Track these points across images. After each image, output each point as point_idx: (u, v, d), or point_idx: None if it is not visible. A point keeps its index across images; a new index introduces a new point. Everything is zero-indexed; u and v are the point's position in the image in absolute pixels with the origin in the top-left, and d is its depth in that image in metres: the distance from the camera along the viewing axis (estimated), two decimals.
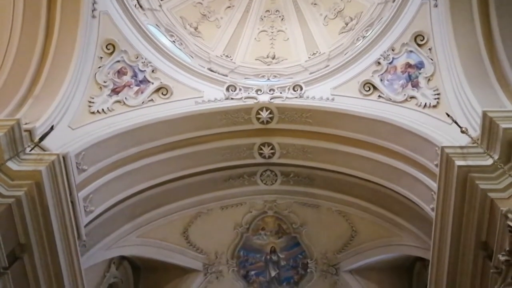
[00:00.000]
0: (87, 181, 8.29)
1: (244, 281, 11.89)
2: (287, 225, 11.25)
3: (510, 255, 5.66)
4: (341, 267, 11.39)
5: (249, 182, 10.50)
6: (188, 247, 11.11)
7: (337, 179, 10.02)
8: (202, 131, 9.48)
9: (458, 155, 6.82)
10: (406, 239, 9.89)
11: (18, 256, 6.81)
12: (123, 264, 11.17)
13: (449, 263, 7.04)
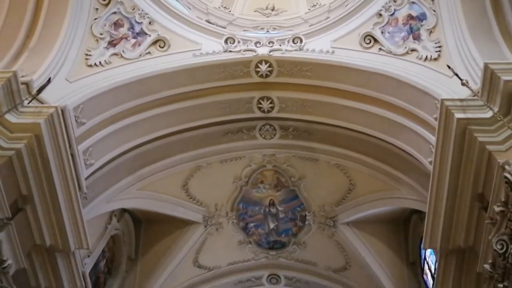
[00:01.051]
0: (86, 135, 8.30)
1: (243, 232, 12.14)
2: (285, 178, 11.34)
3: (505, 206, 5.75)
4: (338, 220, 11.59)
5: (248, 136, 10.52)
6: (188, 200, 11.27)
7: (336, 133, 10.03)
8: (200, 85, 9.40)
9: (457, 107, 6.81)
10: (404, 192, 10.00)
11: (21, 207, 6.95)
12: (124, 217, 11.36)
13: (445, 214, 7.17)
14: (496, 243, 5.75)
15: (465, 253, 7.44)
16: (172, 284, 11.93)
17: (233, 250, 12.32)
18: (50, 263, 7.73)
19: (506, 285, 5.84)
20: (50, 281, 7.84)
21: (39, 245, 7.40)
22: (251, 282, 12.79)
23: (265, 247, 12.41)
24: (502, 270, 5.88)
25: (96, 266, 10.43)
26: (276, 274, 12.69)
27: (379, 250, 11.49)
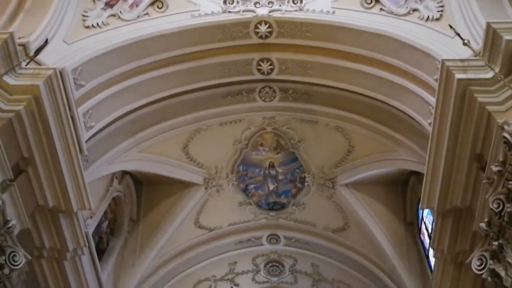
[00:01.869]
0: (85, 97, 8.28)
1: (243, 194, 12.29)
2: (285, 140, 11.38)
3: (503, 166, 5.81)
4: (337, 181, 11.70)
5: (248, 98, 10.48)
6: (189, 162, 11.35)
7: (336, 95, 9.99)
8: (199, 46, 9.28)
9: (458, 68, 6.77)
10: (403, 154, 10.05)
11: (23, 169, 7.03)
12: (125, 179, 11.47)
13: (443, 175, 7.24)
14: (493, 202, 5.83)
15: (461, 213, 7.57)
16: (173, 245, 12.18)
17: (234, 211, 12.51)
18: (54, 223, 7.88)
19: (501, 243, 5.95)
20: (54, 241, 8.01)
21: (42, 206, 7.52)
22: (251, 242, 13.05)
23: (265, 208, 12.60)
24: (498, 228, 5.98)
25: (98, 227, 10.63)
26: (275, 234, 12.93)
27: (377, 211, 11.66)
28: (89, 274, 9.33)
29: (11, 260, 6.43)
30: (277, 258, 13.55)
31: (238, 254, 13.27)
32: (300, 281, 13.93)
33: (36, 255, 7.87)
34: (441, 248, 8.03)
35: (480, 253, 6.24)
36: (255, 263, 13.64)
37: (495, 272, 6.07)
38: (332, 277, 13.33)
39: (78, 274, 8.88)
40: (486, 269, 6.13)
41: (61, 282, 8.63)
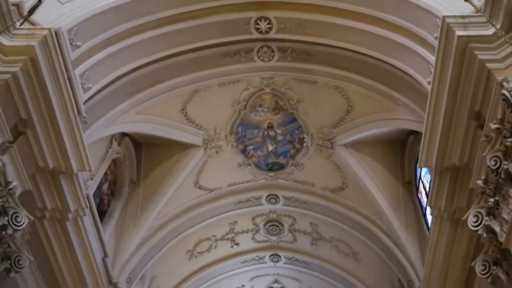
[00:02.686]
0: (82, 58, 8.15)
1: (242, 155, 12.35)
2: (284, 101, 11.33)
3: (501, 123, 5.81)
4: (336, 141, 11.73)
5: (246, 58, 10.35)
6: (187, 123, 11.34)
7: (335, 54, 9.88)
8: (196, 5, 9.07)
9: (459, 24, 6.66)
10: (401, 113, 10.03)
11: (22, 131, 7.03)
12: (125, 141, 11.49)
13: (442, 133, 7.26)
14: (490, 159, 5.87)
15: (459, 171, 7.64)
16: (174, 205, 12.32)
17: (233, 172, 12.60)
18: (55, 185, 7.95)
19: (497, 199, 6.03)
20: (55, 202, 8.11)
21: (42, 168, 7.57)
22: (251, 202, 13.22)
23: (264, 168, 12.69)
24: (494, 185, 6.05)
25: (99, 189, 10.73)
26: (274, 194, 13.08)
27: (376, 171, 11.74)
28: (91, 235, 9.48)
29: (13, 221, 6.52)
30: (276, 217, 13.76)
31: (238, 214, 13.47)
32: (299, 240, 14.21)
33: (38, 216, 7.98)
34: (438, 206, 8.14)
35: (476, 210, 6.33)
36: (254, 223, 13.87)
37: (490, 228, 6.18)
38: (331, 235, 13.59)
39: (80, 234, 9.02)
40: (482, 225, 6.25)
41: (64, 243, 8.78)
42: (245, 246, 14.36)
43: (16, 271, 6.85)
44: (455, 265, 8.41)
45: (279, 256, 14.65)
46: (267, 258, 14.72)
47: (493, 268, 6.35)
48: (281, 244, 14.44)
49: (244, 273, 15.11)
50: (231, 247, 14.26)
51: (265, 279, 15.61)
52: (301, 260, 14.55)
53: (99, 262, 10.00)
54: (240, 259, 14.52)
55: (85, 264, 9.35)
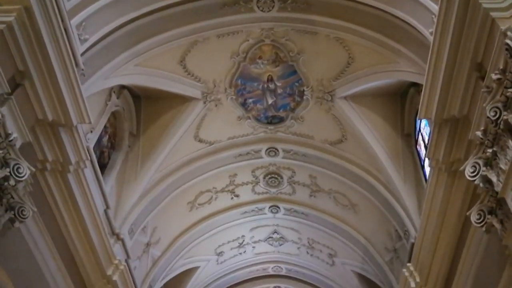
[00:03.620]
0: (78, 8, 7.97)
1: (242, 108, 12.31)
2: (284, 53, 11.18)
3: (502, 74, 5.76)
4: (336, 94, 11.66)
5: (245, 9, 10.13)
6: (186, 75, 11.22)
7: (336, 4, 9.67)
8: None
9: None
10: (403, 65, 9.91)
11: (19, 83, 6.97)
12: (123, 93, 11.43)
13: (442, 84, 7.22)
14: (490, 110, 5.85)
15: (458, 123, 7.65)
16: (174, 158, 12.41)
17: (233, 125, 12.60)
18: (55, 137, 7.97)
19: (495, 150, 6.07)
20: (56, 155, 8.16)
21: (41, 120, 7.56)
22: (251, 155, 13.29)
23: (264, 122, 12.68)
24: (493, 136, 6.07)
25: (99, 141, 10.77)
26: (274, 147, 13.13)
27: (375, 123, 11.75)
28: (92, 187, 9.60)
29: (15, 172, 6.59)
30: (276, 170, 13.89)
31: (237, 167, 13.57)
32: (298, 192, 14.39)
33: (40, 168, 8.05)
34: (436, 158, 8.20)
35: (474, 161, 6.38)
36: (254, 175, 14.01)
37: (487, 178, 6.25)
38: (329, 187, 13.74)
39: (82, 186, 9.12)
40: (479, 175, 6.31)
41: (66, 194, 8.90)
42: (245, 198, 14.56)
43: (20, 221, 6.99)
44: (451, 215, 8.57)
45: (278, 208, 14.89)
46: (267, 210, 14.96)
47: (488, 217, 6.47)
48: (280, 196, 14.64)
49: (244, 224, 15.40)
50: (231, 199, 14.46)
51: (264, 230, 15.94)
52: (300, 212, 14.79)
53: (101, 214, 10.17)
54: (240, 210, 14.76)
55: (88, 216, 9.51)
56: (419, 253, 9.92)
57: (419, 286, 10.19)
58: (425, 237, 9.44)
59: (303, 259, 16.85)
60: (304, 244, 16.19)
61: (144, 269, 13.38)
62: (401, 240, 12.09)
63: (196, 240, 14.80)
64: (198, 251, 15.38)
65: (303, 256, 16.71)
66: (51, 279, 8.87)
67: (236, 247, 16.33)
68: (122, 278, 10.96)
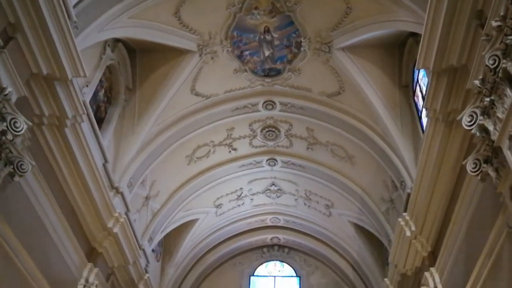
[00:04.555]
0: None
1: (238, 61, 12.16)
2: (281, 3, 10.89)
3: (503, 21, 5.65)
4: (334, 45, 11.48)
5: None
6: (181, 27, 10.99)
7: None
8: None
9: None
10: (401, 14, 9.67)
11: (12, 36, 6.84)
12: (118, 47, 11.24)
13: (441, 33, 7.12)
14: (489, 58, 5.78)
15: (456, 72, 7.60)
16: (171, 112, 12.37)
17: (229, 78, 12.48)
18: (50, 91, 7.91)
19: (492, 99, 6.05)
20: (52, 109, 8.12)
21: (36, 74, 7.48)
22: (248, 108, 13.24)
23: (261, 74, 12.55)
24: (491, 85, 6.03)
25: (95, 96, 10.69)
26: (271, 100, 13.05)
27: (373, 75, 11.65)
28: (90, 141, 9.62)
29: (12, 126, 6.59)
30: (273, 123, 13.87)
31: (235, 120, 13.54)
32: (295, 145, 14.44)
33: (36, 123, 8.04)
34: (433, 108, 8.20)
35: (471, 110, 6.37)
36: (251, 129, 14.00)
37: (484, 127, 6.27)
38: (326, 140, 13.78)
39: (79, 140, 9.15)
40: (476, 124, 6.32)
41: (64, 149, 8.94)
42: (242, 151, 14.62)
43: (19, 176, 7.04)
44: (447, 165, 8.67)
45: (276, 160, 14.98)
46: (264, 162, 15.05)
47: (484, 166, 6.53)
48: (277, 149, 14.70)
49: (242, 177, 15.54)
50: (229, 152, 14.52)
51: (262, 182, 16.10)
52: (297, 164, 14.90)
53: (100, 168, 10.25)
54: (238, 163, 14.85)
55: (87, 170, 9.59)
56: (415, 202, 10.11)
57: (414, 234, 10.46)
58: (421, 187, 9.58)
59: (301, 210, 17.13)
60: (302, 196, 16.42)
61: (144, 222, 13.62)
62: (397, 190, 12.27)
63: (195, 193, 14.98)
64: (197, 203, 15.61)
65: (301, 207, 16.98)
66: (53, 232, 9.05)
67: (235, 200, 16.56)
68: (122, 230, 11.19)
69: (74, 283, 9.97)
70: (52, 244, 9.05)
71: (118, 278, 12.06)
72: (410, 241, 10.58)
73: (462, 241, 8.61)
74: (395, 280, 12.22)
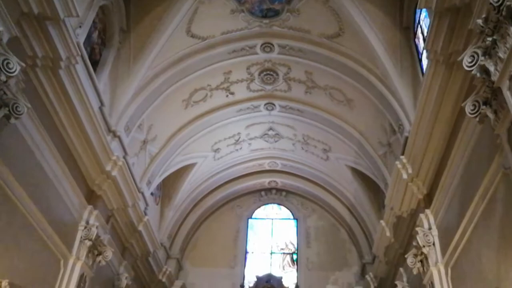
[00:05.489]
0: None
1: (235, 0, 11.78)
2: None
3: None
4: None
5: None
6: None
7: None
8: None
9: None
10: None
11: None
12: None
13: None
14: None
15: (459, 12, 7.40)
16: (166, 55, 12.14)
17: (226, 19, 12.14)
18: (42, 32, 7.73)
19: (495, 38, 5.91)
20: (45, 50, 7.96)
21: (27, 13, 7.28)
22: (245, 51, 12.98)
23: (258, 15, 12.19)
24: (494, 24, 5.87)
25: (89, 37, 10.41)
26: (269, 42, 12.77)
27: (374, 16, 11.30)
28: (85, 83, 9.50)
29: (5, 68, 6.50)
30: (271, 66, 13.64)
31: (232, 63, 13.31)
32: (294, 89, 14.30)
33: (30, 64, 7.89)
34: (434, 49, 8.05)
35: (473, 50, 6.24)
36: (249, 72, 13.78)
37: (485, 68, 6.16)
38: (325, 83, 13.62)
39: (74, 83, 9.03)
40: (477, 65, 6.21)
41: (59, 91, 8.83)
42: (240, 95, 14.48)
43: (15, 118, 7.00)
44: (446, 107, 8.62)
45: (274, 105, 14.88)
46: (262, 107, 14.96)
47: (482, 108, 6.48)
48: (275, 93, 14.57)
49: (239, 121, 15.49)
50: (226, 97, 14.38)
51: (260, 127, 16.09)
52: (295, 108, 14.81)
53: (96, 111, 10.18)
54: (236, 108, 14.75)
55: (83, 112, 9.52)
56: (412, 146, 10.14)
57: (411, 177, 10.57)
58: (419, 130, 9.58)
59: (298, 154, 17.22)
60: (299, 140, 16.46)
61: (142, 166, 13.70)
62: (395, 134, 12.27)
63: (192, 137, 14.98)
64: (195, 148, 15.65)
65: (298, 151, 17.07)
66: (52, 174, 9.11)
67: (232, 144, 16.60)
68: (121, 174, 11.28)
69: (75, 225, 10.17)
70: (51, 186, 9.14)
71: (118, 220, 12.29)
72: (407, 184, 10.71)
73: (457, 183, 8.71)
74: (391, 222, 12.47)
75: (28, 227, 8.35)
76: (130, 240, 13.23)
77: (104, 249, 10.79)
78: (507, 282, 6.59)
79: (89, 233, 10.20)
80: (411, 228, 11.16)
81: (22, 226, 8.16)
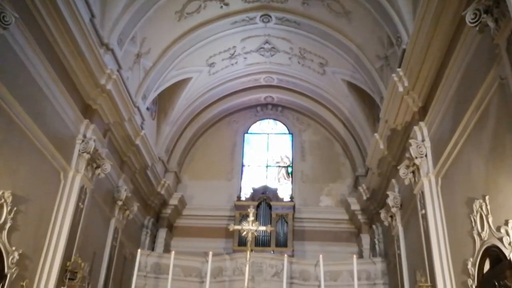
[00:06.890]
0: None
1: None
2: None
3: None
4: None
5: None
6: None
7: None
8: None
9: None
10: None
11: None
12: None
13: None
14: None
15: None
16: None
17: None
18: None
19: None
20: None
21: None
22: None
23: None
24: None
25: None
26: None
27: None
28: None
29: None
30: None
31: None
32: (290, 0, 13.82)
33: None
34: None
35: None
36: None
37: None
38: None
39: None
40: None
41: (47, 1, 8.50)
42: (235, 6, 13.97)
43: (3, 28, 6.86)
44: (445, 17, 8.38)
45: (270, 17, 14.42)
46: (258, 19, 14.50)
47: (483, 16, 6.35)
48: (272, 4, 14.06)
49: (234, 34, 15.09)
50: (220, 8, 13.86)
51: (256, 40, 15.71)
52: (292, 20, 14.39)
53: (87, 23, 9.90)
54: (230, 20, 14.30)
55: (73, 24, 9.24)
56: (409, 58, 10.00)
57: (407, 90, 10.55)
58: (417, 41, 9.40)
59: (294, 69, 17.01)
60: (296, 54, 16.19)
61: (137, 80, 13.57)
62: (393, 47, 12.05)
63: (186, 50, 14.68)
64: (189, 62, 15.41)
65: (294, 66, 16.84)
66: (46, 87, 9.04)
67: (228, 58, 16.32)
68: (115, 87, 11.20)
69: (73, 139, 10.26)
70: (45, 99, 9.09)
71: (115, 134, 12.38)
72: (402, 97, 10.71)
73: (453, 95, 8.72)
74: (385, 135, 12.63)
75: (26, 140, 8.43)
76: (128, 154, 13.43)
77: (103, 162, 10.97)
78: (495, 191, 6.81)
79: (87, 147, 10.31)
80: (405, 140, 11.31)
81: (20, 140, 8.23)
